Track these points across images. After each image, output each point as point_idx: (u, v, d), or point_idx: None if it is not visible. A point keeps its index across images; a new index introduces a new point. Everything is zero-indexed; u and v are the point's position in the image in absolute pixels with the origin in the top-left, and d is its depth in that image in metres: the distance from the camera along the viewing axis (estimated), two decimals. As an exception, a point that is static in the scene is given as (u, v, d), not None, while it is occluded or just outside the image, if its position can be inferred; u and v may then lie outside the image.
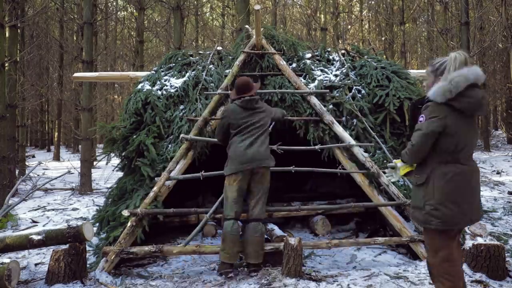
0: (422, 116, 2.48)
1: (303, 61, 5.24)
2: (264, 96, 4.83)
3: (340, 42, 14.29)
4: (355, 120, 4.69)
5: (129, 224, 3.93)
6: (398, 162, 2.67)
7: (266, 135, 3.90)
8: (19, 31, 10.42)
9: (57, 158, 16.72)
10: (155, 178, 4.25)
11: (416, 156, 2.50)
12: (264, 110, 3.95)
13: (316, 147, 4.54)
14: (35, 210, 7.11)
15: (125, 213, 3.97)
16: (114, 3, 19.04)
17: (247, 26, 6.21)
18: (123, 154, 4.72)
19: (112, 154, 4.90)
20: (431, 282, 2.79)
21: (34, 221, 6.20)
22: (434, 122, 2.39)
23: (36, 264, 4.23)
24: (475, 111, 2.45)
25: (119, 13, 19.00)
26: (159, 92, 4.92)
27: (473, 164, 2.50)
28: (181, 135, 4.40)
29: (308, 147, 4.58)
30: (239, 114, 3.82)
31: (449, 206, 2.38)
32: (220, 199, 4.12)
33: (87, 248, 3.90)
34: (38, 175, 9.62)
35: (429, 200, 2.43)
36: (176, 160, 4.34)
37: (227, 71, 5.11)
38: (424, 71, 5.95)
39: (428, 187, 2.45)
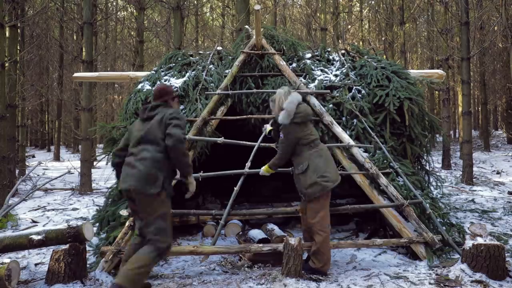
0: (281, 134, 3.68)
1: (303, 61, 5.24)
2: (262, 95, 4.84)
3: (340, 42, 14.27)
4: (355, 120, 4.69)
5: (127, 224, 3.94)
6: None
7: None
8: (19, 31, 10.41)
9: (57, 158, 16.72)
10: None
11: (285, 159, 3.72)
12: None
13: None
14: (35, 210, 7.11)
15: (124, 213, 3.98)
16: (114, 3, 19.03)
17: (247, 26, 6.21)
18: (123, 154, 4.72)
19: (112, 154, 4.90)
20: (309, 238, 3.75)
21: (34, 221, 6.20)
22: (290, 136, 3.61)
23: (36, 264, 4.23)
24: (309, 118, 3.71)
25: (119, 13, 18.99)
26: (159, 92, 4.92)
27: (322, 145, 3.76)
28: None
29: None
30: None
31: (328, 172, 3.55)
32: (231, 201, 4.10)
33: (87, 248, 3.90)
34: (38, 175, 9.62)
35: (316, 174, 3.50)
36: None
37: (227, 71, 5.11)
38: (424, 71, 5.98)
39: (310, 168, 3.54)
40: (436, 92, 18.25)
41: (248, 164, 4.26)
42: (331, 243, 3.98)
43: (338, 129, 4.57)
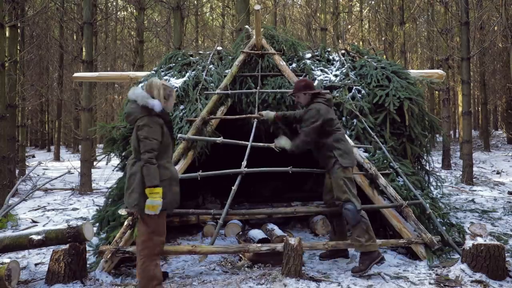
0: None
1: (303, 61, 5.24)
2: (262, 95, 4.83)
3: (340, 42, 14.27)
4: (355, 120, 4.69)
5: (125, 223, 3.93)
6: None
7: None
8: (19, 31, 10.41)
9: (57, 158, 16.72)
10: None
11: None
12: None
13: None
14: (35, 210, 7.11)
15: (123, 212, 3.96)
16: (114, 3, 19.04)
17: (247, 26, 6.21)
18: (123, 154, 4.72)
19: (112, 154, 4.91)
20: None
21: (34, 221, 6.20)
22: None
23: (36, 264, 4.23)
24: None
25: (119, 13, 18.99)
26: (159, 92, 4.91)
27: None
28: (179, 135, 4.39)
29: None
30: (330, 111, 3.95)
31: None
32: (229, 201, 4.05)
33: (87, 248, 3.90)
34: (38, 175, 9.62)
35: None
36: (174, 160, 4.33)
37: (227, 71, 5.11)
38: (424, 71, 5.98)
39: None
40: (436, 92, 18.25)
41: (244, 163, 4.24)
42: (329, 243, 3.99)
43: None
